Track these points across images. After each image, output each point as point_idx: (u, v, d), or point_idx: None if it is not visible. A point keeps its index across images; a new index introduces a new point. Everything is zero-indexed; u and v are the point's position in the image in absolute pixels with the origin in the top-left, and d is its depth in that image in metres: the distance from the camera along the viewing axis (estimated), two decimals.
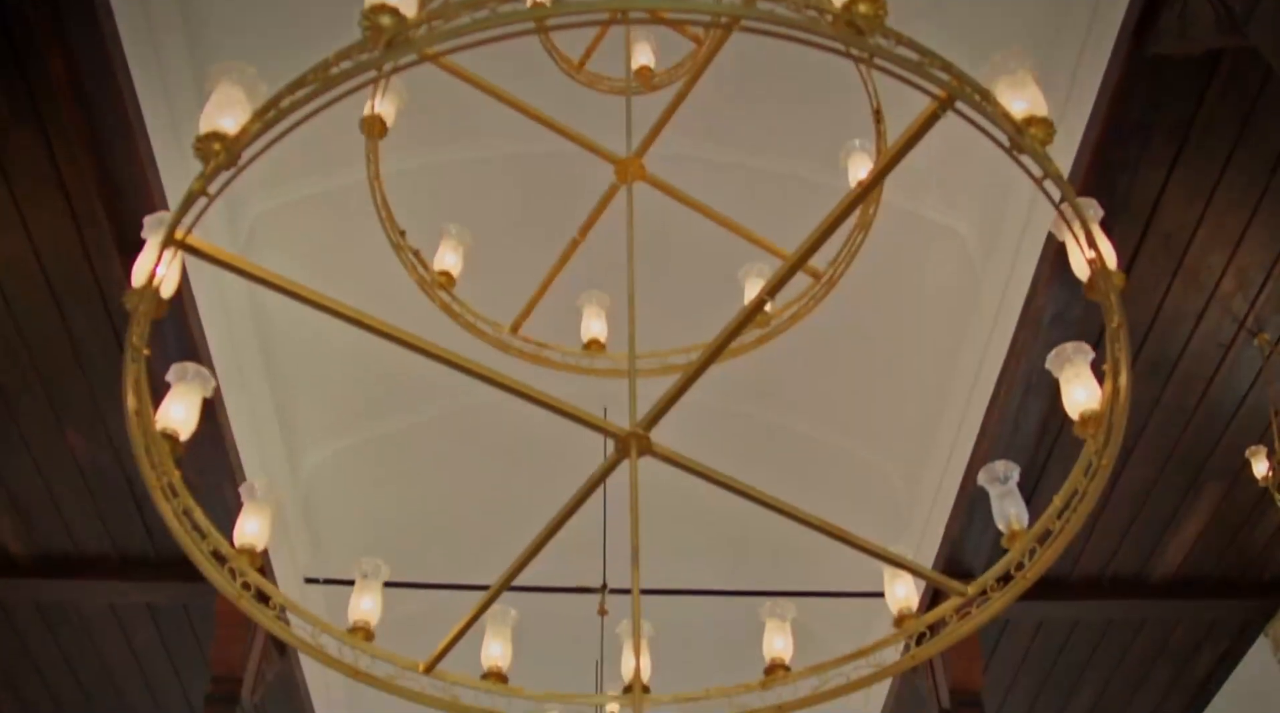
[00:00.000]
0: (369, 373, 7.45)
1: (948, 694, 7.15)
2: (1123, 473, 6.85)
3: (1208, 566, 7.49)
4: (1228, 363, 6.13)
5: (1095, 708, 8.89)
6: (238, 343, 6.62)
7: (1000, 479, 3.05)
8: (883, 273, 6.65)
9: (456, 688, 3.15)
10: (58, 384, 6.20)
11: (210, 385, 2.87)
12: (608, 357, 3.73)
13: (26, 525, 7.03)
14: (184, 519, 2.79)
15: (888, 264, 6.59)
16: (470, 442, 7.88)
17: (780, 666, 3.25)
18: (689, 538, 8.40)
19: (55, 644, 8.01)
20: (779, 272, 2.41)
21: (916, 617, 3.15)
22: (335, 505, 7.87)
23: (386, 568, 3.31)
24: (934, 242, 6.41)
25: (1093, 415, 2.76)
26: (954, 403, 6.82)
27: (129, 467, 6.73)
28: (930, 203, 6.26)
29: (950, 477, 6.88)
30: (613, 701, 3.33)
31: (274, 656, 7.55)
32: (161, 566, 7.32)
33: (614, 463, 2.78)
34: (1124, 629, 8.05)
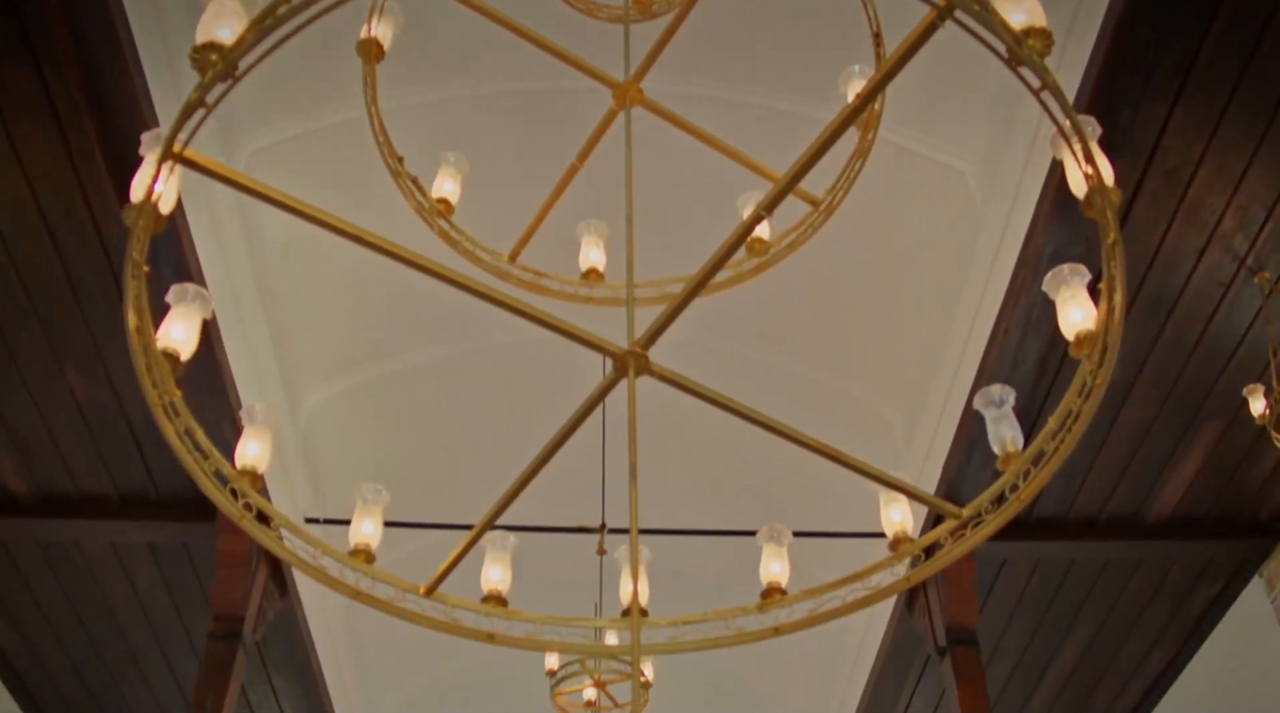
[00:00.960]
0: (368, 314, 7.46)
1: (944, 633, 7.20)
2: (1121, 413, 6.86)
3: (1204, 506, 7.52)
4: (1227, 302, 6.12)
5: (1090, 648, 8.96)
6: (236, 286, 6.62)
7: (996, 403, 3.05)
8: (882, 212, 6.64)
9: (457, 611, 3.17)
10: (56, 322, 6.20)
11: (210, 307, 2.87)
12: (606, 286, 3.72)
13: (27, 465, 7.05)
14: (185, 439, 2.80)
15: (888, 203, 6.59)
16: (469, 384, 7.89)
17: (777, 589, 3.27)
18: (687, 478, 8.45)
19: (57, 584, 8.07)
20: (776, 187, 2.40)
21: (912, 540, 3.16)
22: (335, 446, 7.89)
23: (387, 493, 3.32)
24: (934, 180, 6.39)
25: (1088, 336, 2.76)
26: (953, 343, 6.82)
27: (129, 406, 6.75)
28: (931, 141, 6.24)
29: (948, 417, 6.89)
30: (612, 624, 3.34)
31: (275, 595, 7.61)
32: (162, 505, 7.37)
33: (612, 382, 2.78)
34: (1120, 569, 8.10)
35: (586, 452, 7.72)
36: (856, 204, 6.49)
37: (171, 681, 9.15)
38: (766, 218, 2.50)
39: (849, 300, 7.21)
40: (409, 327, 7.57)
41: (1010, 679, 9.31)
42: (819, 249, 6.79)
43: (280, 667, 8.84)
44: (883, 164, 6.29)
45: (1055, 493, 7.40)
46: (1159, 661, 9.08)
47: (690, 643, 3.22)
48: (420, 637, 10.33)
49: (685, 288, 2.58)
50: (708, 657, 11.35)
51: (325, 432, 7.82)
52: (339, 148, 6.10)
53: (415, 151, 3.73)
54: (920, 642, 8.09)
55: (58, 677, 9.05)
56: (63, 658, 8.84)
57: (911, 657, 8.67)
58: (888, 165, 6.27)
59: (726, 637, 3.22)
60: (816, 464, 8.29)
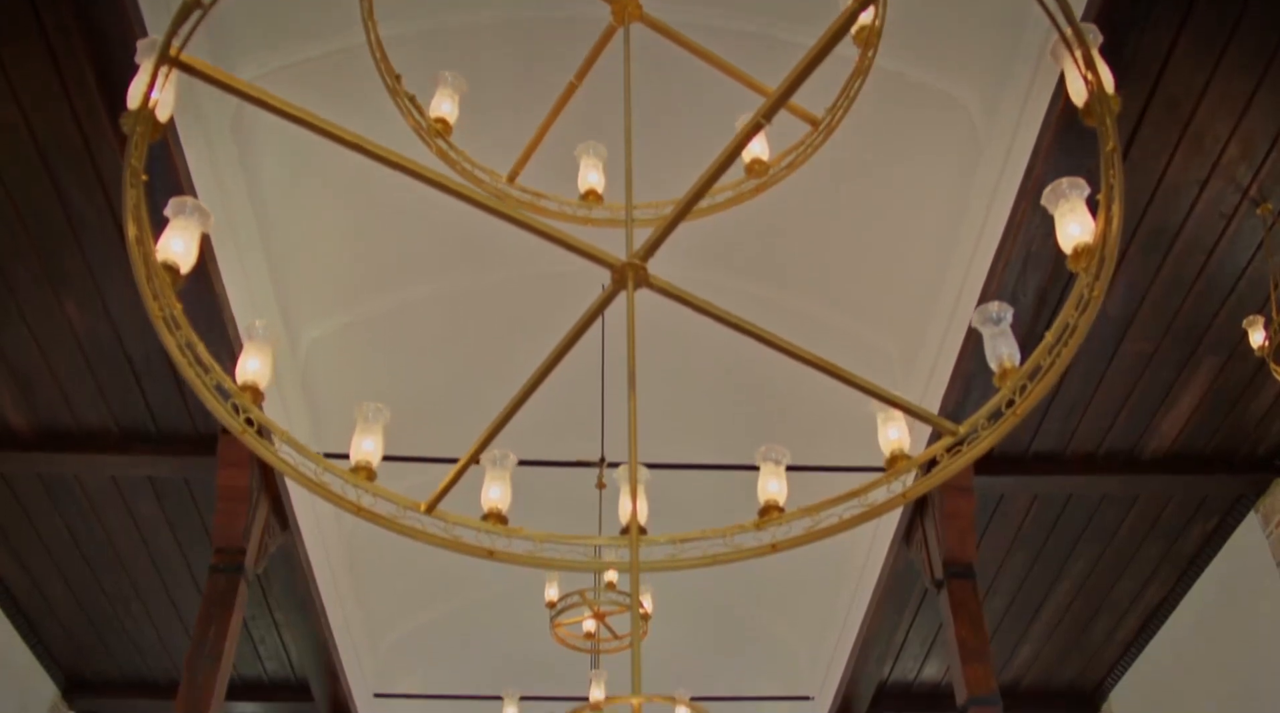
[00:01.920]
0: (367, 248, 7.43)
1: (941, 566, 7.25)
2: (1120, 347, 6.87)
3: (1202, 441, 7.54)
4: (1229, 234, 6.09)
5: (1086, 583, 9.04)
6: (234, 220, 6.58)
7: (994, 320, 3.05)
8: (882, 144, 6.60)
9: (457, 529, 3.17)
10: (53, 255, 6.18)
11: (209, 222, 2.85)
12: (605, 207, 3.70)
13: (27, 399, 7.06)
14: (187, 352, 2.79)
15: (888, 134, 6.54)
16: (469, 318, 7.89)
17: (774, 507, 3.28)
18: (686, 414, 8.47)
19: (59, 518, 8.12)
20: (777, 92, 2.37)
21: (909, 458, 3.16)
22: (334, 382, 7.90)
23: (387, 411, 3.32)
24: (935, 110, 6.33)
25: (1085, 248, 2.75)
26: (952, 276, 6.81)
27: (128, 341, 6.75)
28: (932, 71, 6.18)
29: (947, 351, 6.89)
30: (611, 542, 3.36)
31: (275, 529, 7.65)
32: (162, 440, 7.39)
33: (611, 294, 2.77)
34: (1117, 504, 8.15)
35: (585, 388, 7.75)
36: (857, 136, 6.48)
37: (174, 614, 9.23)
38: (765, 125, 2.48)
39: (847, 234, 7.18)
40: (408, 261, 7.55)
41: (1006, 614, 9.40)
42: (818, 183, 6.80)
43: (282, 601, 8.90)
44: (883, 94, 6.23)
45: (1054, 428, 7.42)
46: (1154, 596, 9.16)
47: (689, 560, 3.24)
48: (420, 574, 10.44)
49: (685, 197, 2.56)
50: (706, 593, 11.57)
51: (325, 367, 7.83)
52: (336, 76, 6.05)
53: (413, 81, 3.69)
54: (917, 576, 8.15)
55: (61, 610, 9.13)
56: (65, 592, 8.91)
57: (909, 591, 8.73)
58: (888, 96, 6.22)
59: (725, 554, 3.24)
60: (817, 396, 8.34)
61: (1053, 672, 10.26)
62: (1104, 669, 10.16)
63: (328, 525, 8.95)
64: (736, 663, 11.13)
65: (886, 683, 10.43)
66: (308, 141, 6.65)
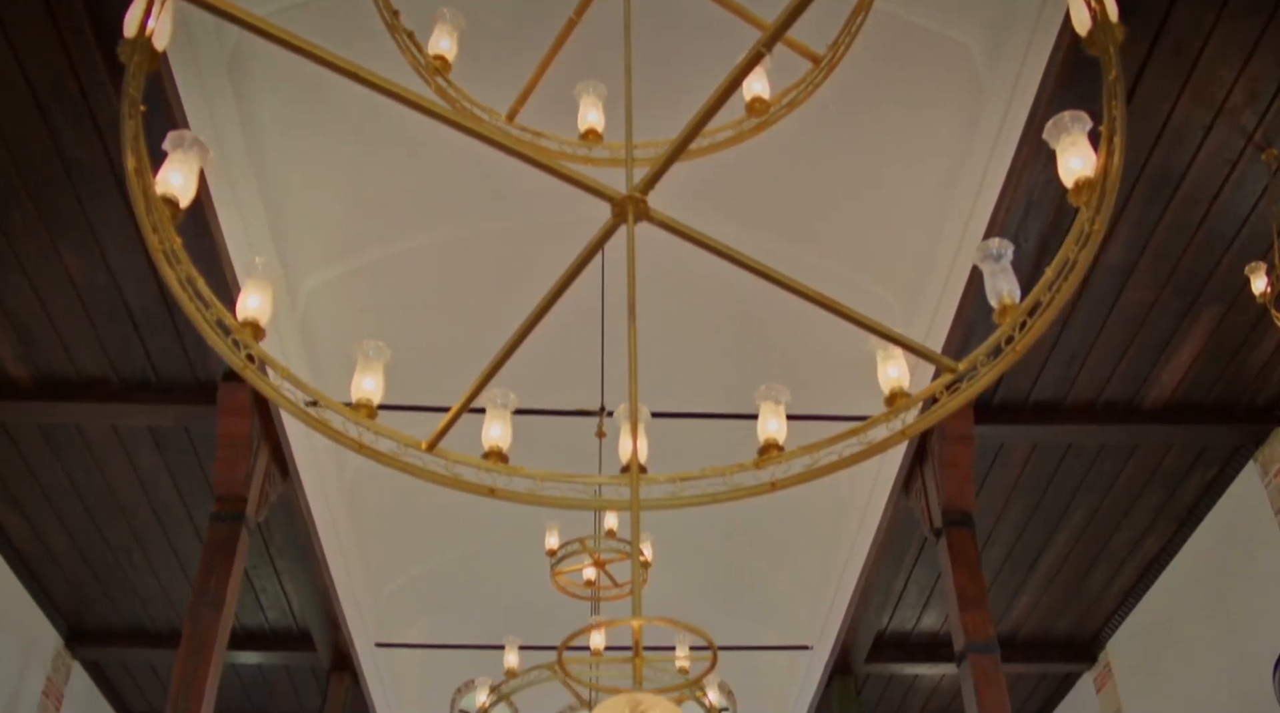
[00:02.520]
0: (366, 197, 7.40)
1: (940, 515, 7.28)
2: (1121, 296, 6.85)
3: (1202, 391, 7.54)
4: (1233, 180, 6.05)
5: (1084, 533, 9.07)
6: (233, 170, 6.53)
7: (995, 256, 3.02)
8: (884, 89, 6.55)
9: (458, 467, 3.17)
10: (49, 202, 6.14)
11: (208, 157, 2.83)
12: (605, 146, 3.67)
13: (26, 348, 7.05)
14: (188, 287, 2.78)
15: (889, 80, 6.49)
16: (468, 268, 7.86)
17: (774, 445, 3.27)
18: (687, 362, 8.47)
19: (60, 467, 8.13)
20: (779, 18, 2.34)
21: (908, 396, 3.16)
22: (334, 331, 7.88)
23: (388, 350, 3.31)
24: (938, 55, 6.27)
25: (1086, 182, 2.72)
26: (953, 223, 6.77)
27: (126, 289, 6.73)
28: (935, 14, 6.12)
29: (947, 300, 6.87)
30: (611, 480, 3.36)
31: (276, 477, 7.67)
32: (162, 389, 7.38)
33: (611, 229, 2.75)
34: (1116, 454, 8.16)
35: (585, 338, 7.74)
36: (858, 81, 6.42)
37: (175, 563, 9.28)
38: (766, 55, 2.45)
39: (848, 182, 7.14)
40: (407, 210, 7.52)
41: (1005, 564, 9.44)
42: (818, 130, 6.76)
43: (283, 550, 8.94)
44: (885, 38, 6.18)
45: (1054, 377, 7.42)
46: (1152, 546, 9.20)
47: (689, 498, 3.24)
48: (421, 524, 10.49)
49: (686, 127, 2.54)
50: (706, 543, 11.61)
51: (324, 316, 7.81)
52: (334, 17, 6.00)
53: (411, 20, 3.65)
54: (916, 525, 8.18)
55: (63, 560, 9.18)
56: (67, 541, 8.95)
57: (908, 541, 8.77)
58: (890, 40, 6.16)
59: (724, 492, 3.24)
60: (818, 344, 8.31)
61: (1050, 622, 10.32)
62: (1101, 619, 10.23)
63: (328, 475, 8.97)
64: (735, 613, 11.20)
65: (885, 632, 10.51)
66: (305, 87, 6.63)
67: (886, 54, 6.30)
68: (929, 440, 7.45)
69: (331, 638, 10.11)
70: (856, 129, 6.83)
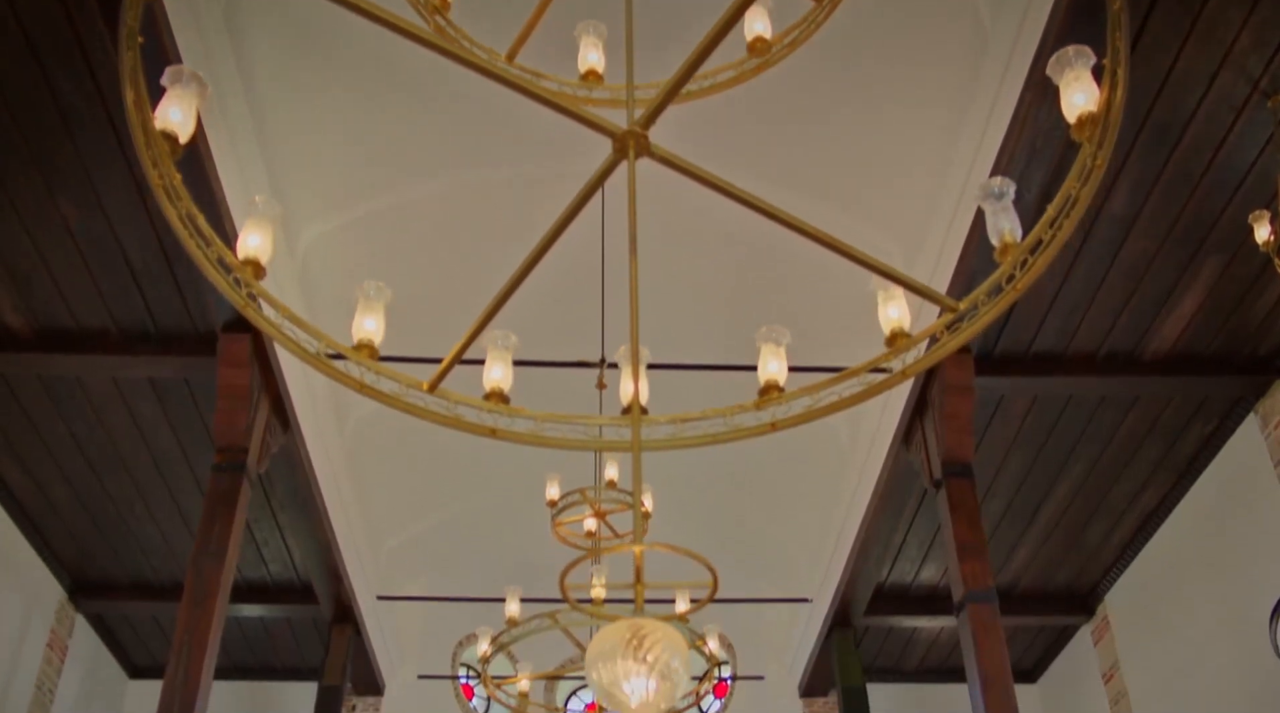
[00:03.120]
0: (364, 146, 7.35)
1: (939, 466, 7.28)
2: (1123, 246, 6.83)
3: (1203, 342, 7.53)
4: (1238, 128, 6.00)
5: (1083, 485, 9.10)
6: (232, 121, 6.49)
7: (996, 195, 3.01)
8: (886, 36, 6.50)
9: (460, 408, 3.17)
10: (46, 150, 6.10)
11: (207, 92, 2.81)
12: (606, 88, 3.64)
13: (25, 299, 7.04)
14: (188, 224, 2.77)
15: (892, 27, 6.43)
16: (468, 218, 7.83)
17: (774, 387, 3.27)
18: (687, 312, 8.46)
19: (61, 420, 8.15)
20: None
21: (909, 336, 3.15)
22: (333, 282, 7.87)
23: (389, 290, 3.30)
24: (941, 2, 6.22)
25: (1089, 117, 2.70)
26: (955, 172, 6.74)
27: (125, 240, 6.71)
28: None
29: (949, 249, 6.83)
30: (612, 422, 3.36)
31: (277, 429, 7.68)
32: (162, 340, 7.38)
33: (612, 164, 2.74)
34: (1116, 406, 8.17)
35: (585, 290, 7.72)
36: (860, 29, 6.37)
37: (177, 517, 9.32)
38: None
39: (849, 131, 7.09)
40: (407, 160, 7.48)
41: (1004, 517, 9.48)
42: (820, 79, 6.71)
43: (284, 504, 8.97)
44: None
45: (1055, 328, 7.41)
46: (1151, 499, 9.23)
47: (690, 439, 3.24)
48: (421, 478, 10.51)
49: (687, 59, 2.52)
50: (706, 494, 11.61)
51: (324, 267, 7.79)
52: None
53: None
54: (916, 478, 8.20)
55: (65, 513, 9.22)
56: (69, 494, 8.98)
57: (907, 494, 8.80)
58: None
59: (725, 432, 3.24)
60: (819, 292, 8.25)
61: (1049, 575, 10.38)
62: (1100, 572, 10.29)
63: (329, 428, 8.99)
64: (735, 566, 11.22)
65: (884, 585, 10.57)
66: (302, 34, 6.57)
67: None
68: (929, 392, 7.45)
69: (333, 591, 10.17)
70: (858, 77, 6.78)
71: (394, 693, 12.19)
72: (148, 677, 11.68)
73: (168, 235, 6.58)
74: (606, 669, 1.84)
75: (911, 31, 6.43)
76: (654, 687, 1.83)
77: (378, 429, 9.64)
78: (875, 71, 6.69)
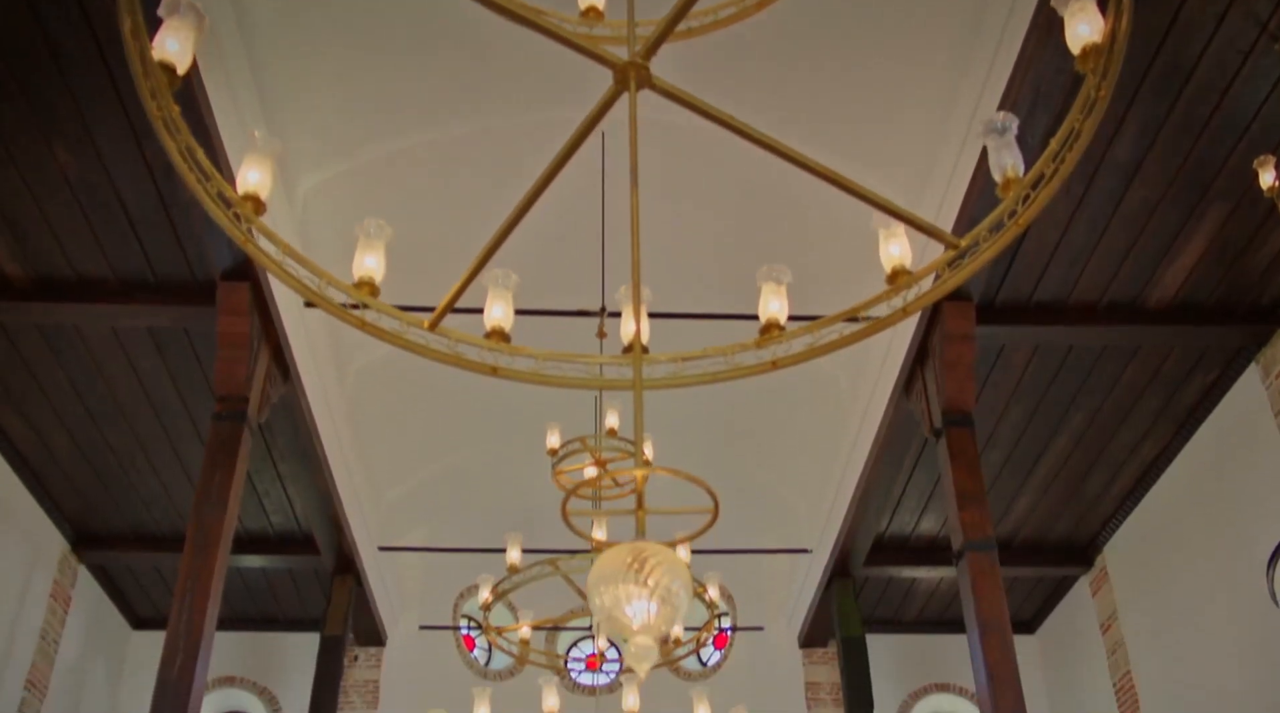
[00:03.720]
0: (363, 93, 7.30)
1: (940, 415, 7.29)
2: (1126, 194, 6.79)
3: (1205, 291, 7.50)
4: (1245, 72, 5.94)
5: (1083, 436, 9.10)
6: (230, 69, 6.43)
7: (999, 130, 2.99)
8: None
9: (461, 346, 3.16)
10: (40, 95, 6.05)
11: (204, 24, 2.77)
12: (606, 24, 3.60)
13: (22, 246, 7.01)
14: (188, 157, 2.75)
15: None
16: (467, 165, 7.79)
17: (775, 325, 3.26)
18: (688, 261, 8.43)
19: (61, 371, 8.14)
20: None
21: (910, 273, 3.13)
22: (332, 230, 7.83)
23: (389, 228, 3.28)
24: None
25: (1093, 48, 2.68)
26: (958, 116, 6.69)
27: (122, 187, 6.67)
28: None
29: (953, 194, 6.80)
30: (613, 361, 3.35)
31: (277, 378, 7.67)
32: (160, 289, 7.35)
33: (613, 96, 2.71)
34: (1118, 356, 8.15)
35: (586, 239, 7.71)
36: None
37: (178, 467, 9.33)
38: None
39: (852, 70, 7.02)
40: (406, 107, 7.43)
41: (1004, 468, 9.50)
42: (822, 14, 6.64)
43: (285, 454, 8.99)
44: None
45: (1057, 277, 7.39)
46: (1151, 450, 9.24)
47: (690, 377, 3.23)
48: (422, 429, 10.53)
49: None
50: (706, 446, 11.59)
51: (323, 215, 7.75)
52: None
53: None
54: (916, 428, 8.21)
55: (67, 465, 9.23)
56: (70, 446, 8.99)
57: (907, 444, 8.80)
58: None
59: (726, 371, 3.24)
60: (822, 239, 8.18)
61: (1048, 525, 10.42)
62: (1099, 523, 10.32)
63: (329, 378, 8.98)
64: (736, 517, 11.20)
65: (884, 536, 10.61)
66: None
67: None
68: (930, 340, 7.44)
69: (334, 541, 10.21)
70: (861, 16, 6.71)
71: (396, 644, 12.28)
72: (151, 628, 11.76)
73: (166, 182, 6.55)
74: (608, 593, 1.85)
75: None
76: (655, 610, 1.83)
77: (378, 380, 9.65)
78: (877, 13, 6.62)
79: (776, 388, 9.96)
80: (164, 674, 6.17)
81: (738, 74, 6.94)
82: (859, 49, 6.84)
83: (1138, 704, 10.02)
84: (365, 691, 12.00)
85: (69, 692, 10.57)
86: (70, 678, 10.57)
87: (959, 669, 11.88)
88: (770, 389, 9.98)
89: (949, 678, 12.19)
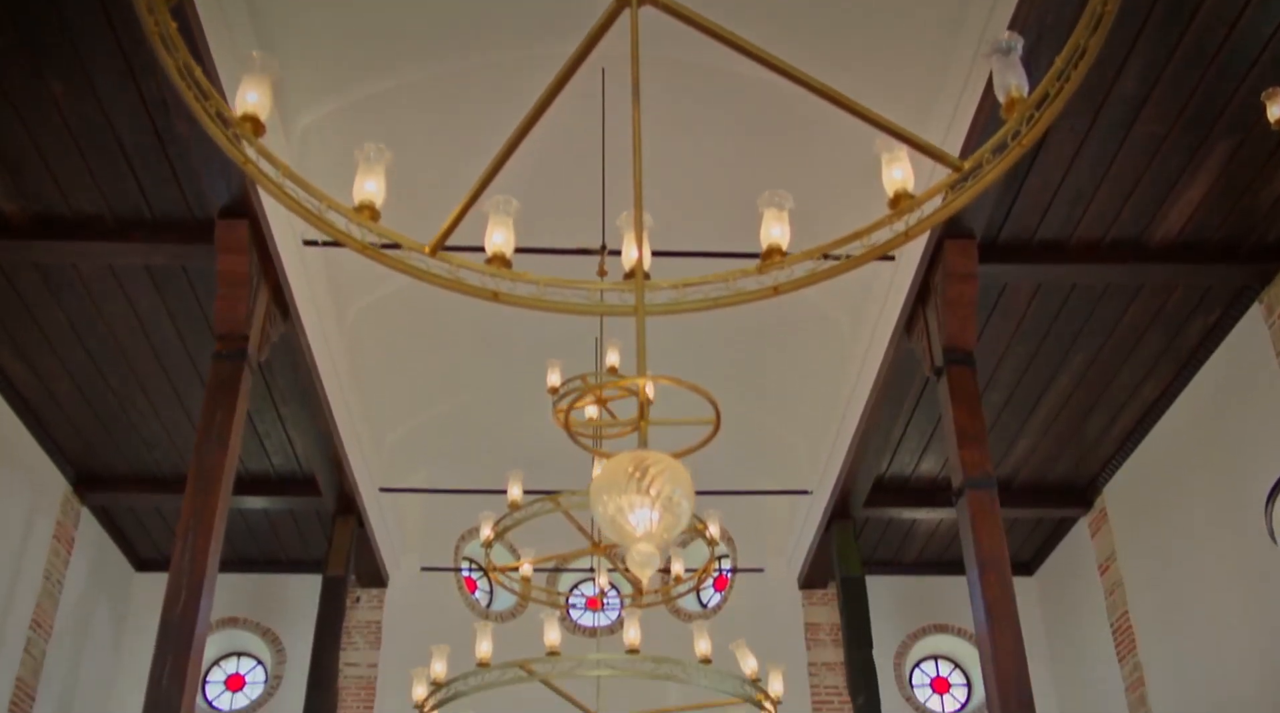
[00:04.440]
0: (359, 29, 7.22)
1: (941, 353, 7.27)
2: (1131, 129, 6.73)
3: (1210, 229, 7.46)
4: (1253, 3, 5.87)
5: (1085, 377, 9.09)
6: (226, 3, 6.35)
7: (1003, 50, 2.94)
8: None
9: (462, 272, 3.14)
10: (33, 27, 5.98)
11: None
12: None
13: (17, 184, 6.96)
14: (186, 75, 2.71)
15: None
16: (467, 101, 7.72)
17: (777, 251, 3.24)
18: (689, 197, 8.39)
19: (59, 309, 8.11)
20: None
21: (912, 197, 3.10)
22: (331, 168, 7.77)
23: (389, 152, 3.25)
24: None
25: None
26: (961, 51, 6.62)
27: (118, 123, 6.61)
28: None
29: (956, 128, 6.69)
30: (615, 287, 3.33)
31: (277, 316, 7.65)
32: (158, 227, 7.32)
33: (614, 13, 2.67)
34: (1120, 294, 8.12)
35: (586, 176, 7.65)
36: None
37: (179, 407, 9.34)
38: None
39: (848, 26, 6.96)
40: (405, 43, 7.35)
41: (1005, 408, 9.50)
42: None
43: (286, 395, 8.98)
44: None
45: (1060, 215, 7.35)
46: (1152, 391, 9.23)
47: (692, 303, 3.21)
48: (423, 370, 10.52)
49: None
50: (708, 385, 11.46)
51: (321, 152, 7.69)
52: None
53: None
54: (917, 368, 8.19)
55: (67, 405, 9.23)
56: (71, 387, 8.99)
57: (908, 384, 8.79)
58: None
59: (727, 297, 3.21)
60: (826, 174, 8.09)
61: (1048, 466, 10.44)
62: (1099, 464, 10.34)
63: (329, 318, 8.96)
64: (736, 458, 11.31)
65: (884, 477, 10.64)
66: None
67: None
68: (932, 278, 7.41)
69: (336, 483, 10.24)
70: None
71: (397, 585, 12.36)
72: (153, 569, 11.83)
73: (161, 116, 6.49)
74: (610, 500, 1.84)
75: None
76: (657, 518, 1.83)
77: (378, 321, 9.63)
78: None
79: (777, 329, 9.95)
80: (167, 614, 6.20)
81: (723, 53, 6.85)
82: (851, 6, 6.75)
83: (1135, 645, 10.10)
84: (368, 632, 12.10)
85: (73, 633, 10.66)
86: (75, 619, 10.65)
87: (958, 611, 11.96)
88: (771, 330, 9.97)
89: (948, 619, 12.29)
